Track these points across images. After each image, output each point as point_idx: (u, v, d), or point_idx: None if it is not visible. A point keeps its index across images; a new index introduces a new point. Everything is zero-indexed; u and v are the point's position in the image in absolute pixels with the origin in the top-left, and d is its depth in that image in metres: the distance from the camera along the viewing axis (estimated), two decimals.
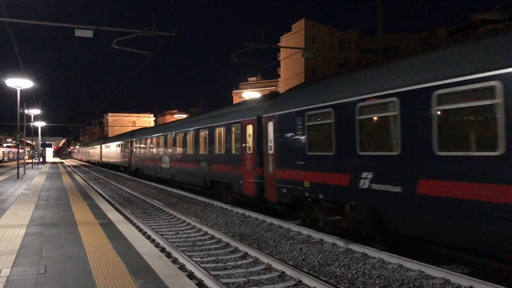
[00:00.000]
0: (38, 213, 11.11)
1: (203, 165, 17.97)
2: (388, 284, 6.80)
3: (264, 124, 12.85)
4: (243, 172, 14.04)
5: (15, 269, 5.79)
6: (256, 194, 13.29)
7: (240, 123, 14.50)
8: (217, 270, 7.64)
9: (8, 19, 14.66)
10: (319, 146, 10.19)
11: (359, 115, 8.67)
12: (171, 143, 23.30)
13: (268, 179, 12.56)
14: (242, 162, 14.15)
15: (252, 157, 13.54)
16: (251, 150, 13.60)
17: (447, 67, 6.89)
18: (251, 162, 13.54)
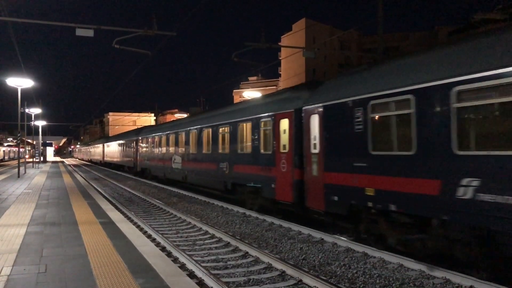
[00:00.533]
0: (38, 212, 11.12)
1: (223, 166, 15.90)
2: (388, 283, 6.80)
3: (305, 118, 10.92)
4: (276, 175, 12.12)
5: (15, 268, 5.80)
6: (293, 201, 11.33)
7: (271, 117, 12.53)
8: (217, 269, 7.64)
9: (9, 19, 14.66)
10: (389, 143, 8.16)
11: (457, 102, 6.76)
12: (183, 141, 21.21)
13: (311, 183, 10.58)
14: (275, 163, 12.21)
15: (288, 157, 11.62)
16: (286, 149, 11.72)
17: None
18: (287, 163, 11.61)
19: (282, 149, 11.94)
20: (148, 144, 29.32)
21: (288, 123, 11.69)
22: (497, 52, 6.34)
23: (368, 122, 8.61)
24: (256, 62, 27.67)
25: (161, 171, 25.63)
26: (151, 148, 28.38)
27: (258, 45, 17.83)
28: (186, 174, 20.74)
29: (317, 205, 10.32)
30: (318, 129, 10.29)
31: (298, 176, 11.17)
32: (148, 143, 29.34)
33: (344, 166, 9.32)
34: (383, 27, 19.27)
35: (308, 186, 10.79)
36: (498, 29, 6.80)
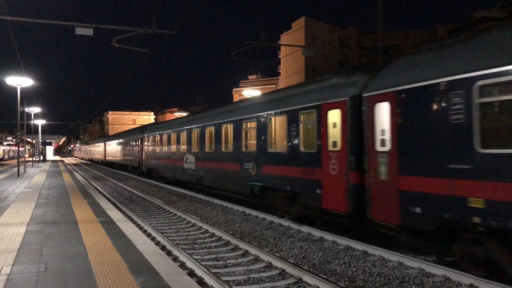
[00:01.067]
0: (38, 211, 11.12)
1: (249, 167, 13.80)
2: (388, 281, 6.80)
3: (367, 107, 8.79)
4: (323, 178, 10.03)
5: (15, 267, 5.80)
6: (349, 211, 9.22)
7: (316, 108, 10.40)
8: (217, 268, 7.65)
9: (8, 17, 14.64)
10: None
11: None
12: (197, 139, 19.04)
13: (378, 190, 8.42)
14: (321, 164, 10.11)
15: (340, 156, 9.51)
16: (337, 147, 9.66)
17: None
18: (340, 163, 9.49)
19: (331, 147, 9.88)
20: (156, 142, 27.11)
21: (340, 114, 9.57)
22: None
23: (473, 110, 6.55)
24: (255, 61, 27.62)
25: (170, 172, 23.48)
26: (159, 146, 26.16)
27: (257, 43, 17.83)
28: (200, 176, 18.56)
29: (387, 218, 8.13)
30: (389, 120, 8.14)
31: (356, 180, 9.07)
32: (155, 141, 27.14)
33: (432, 168, 7.25)
34: (382, 25, 19.26)
35: (372, 192, 8.57)
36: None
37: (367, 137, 8.83)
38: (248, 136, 14.34)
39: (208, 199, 17.21)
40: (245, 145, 14.41)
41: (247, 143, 14.37)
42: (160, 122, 35.45)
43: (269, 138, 12.73)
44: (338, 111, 9.68)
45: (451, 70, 6.97)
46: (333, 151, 9.83)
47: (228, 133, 15.78)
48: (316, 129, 10.41)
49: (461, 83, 6.76)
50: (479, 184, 6.44)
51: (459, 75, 6.82)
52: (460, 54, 7.03)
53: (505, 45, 6.32)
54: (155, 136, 27.28)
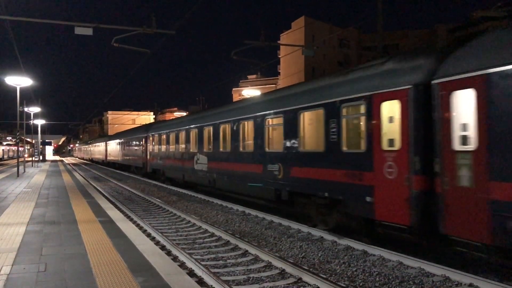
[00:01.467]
0: (38, 211, 11.11)
1: (274, 168, 12.08)
2: (388, 281, 6.81)
3: (441, 96, 7.20)
4: (376, 183, 8.35)
5: (15, 267, 5.80)
6: (412, 224, 7.56)
7: (364, 99, 8.71)
8: (217, 267, 7.65)
9: (8, 17, 14.63)
10: None
11: None
12: (210, 137, 17.28)
13: (457, 199, 6.87)
14: (372, 166, 8.43)
15: (399, 157, 7.85)
16: (395, 146, 8.02)
17: None
18: (399, 165, 7.84)
19: (387, 146, 8.23)
20: (162, 142, 25.21)
21: (399, 106, 7.90)
22: None
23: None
24: (255, 60, 27.61)
25: (178, 173, 21.71)
26: (166, 146, 24.22)
27: (257, 43, 17.84)
28: (214, 178, 16.66)
29: (472, 235, 6.60)
30: (475, 112, 6.61)
31: (422, 186, 7.49)
32: (161, 140, 25.23)
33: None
34: (382, 25, 19.26)
35: (447, 202, 7.02)
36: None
37: (439, 133, 7.22)
38: (273, 134, 12.75)
39: (207, 198, 17.21)
40: (269, 144, 12.75)
41: (271, 142, 12.74)
42: (167, 120, 32.28)
43: (301, 136, 11.03)
44: (396, 102, 8.01)
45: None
46: (389, 151, 8.15)
47: (248, 131, 14.20)
48: (365, 124, 8.75)
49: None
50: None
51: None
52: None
53: None
54: (161, 135, 25.41)
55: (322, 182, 10.04)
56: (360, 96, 8.87)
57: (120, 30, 15.94)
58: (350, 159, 9.21)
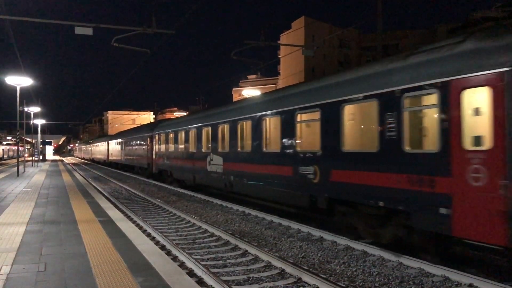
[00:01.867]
0: (38, 211, 11.11)
1: (308, 171, 10.46)
2: (387, 281, 6.81)
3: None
4: (456, 191, 6.80)
5: (15, 267, 5.80)
6: (510, 244, 6.15)
7: (438, 87, 7.15)
8: (217, 267, 7.65)
9: (8, 17, 14.64)
10: None
11: None
12: (225, 136, 15.75)
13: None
14: (450, 170, 6.92)
15: (492, 158, 6.36)
16: (485, 144, 6.57)
17: None
18: (490, 169, 6.37)
19: (471, 145, 6.77)
20: (169, 141, 23.40)
21: (490, 94, 6.41)
22: None
23: None
24: (255, 61, 27.53)
25: (188, 174, 19.96)
26: (174, 145, 22.44)
27: (257, 43, 17.85)
28: (230, 180, 15.05)
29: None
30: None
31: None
32: (169, 139, 23.44)
33: None
34: (382, 25, 19.27)
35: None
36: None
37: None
38: (306, 132, 11.21)
39: (207, 198, 17.21)
40: (301, 143, 11.14)
41: (304, 141, 11.14)
42: (174, 118, 29.67)
43: (343, 133, 9.39)
44: (484, 89, 6.52)
45: None
46: (475, 151, 6.63)
47: (272, 128, 12.66)
48: (438, 118, 7.16)
49: None
50: None
51: None
52: None
53: None
54: (169, 133, 23.54)
55: (374, 189, 8.36)
56: (431, 84, 7.24)
57: (120, 30, 15.97)
58: (415, 161, 7.55)
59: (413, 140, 7.86)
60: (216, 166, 16.42)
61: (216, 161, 16.44)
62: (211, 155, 16.90)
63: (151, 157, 27.74)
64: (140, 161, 31.30)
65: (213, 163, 16.72)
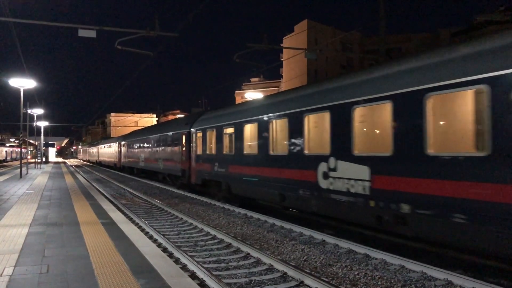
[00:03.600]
0: (40, 213, 11.14)
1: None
2: (390, 285, 6.79)
3: None
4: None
5: (17, 268, 5.81)
6: None
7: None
8: (219, 270, 7.64)
9: (11, 19, 14.71)
10: None
11: None
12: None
13: None
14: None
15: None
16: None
17: None
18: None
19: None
20: (223, 138, 16.24)
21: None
22: None
23: None
24: (258, 63, 27.55)
25: (267, 191, 12.81)
26: (234, 144, 15.21)
27: (260, 46, 17.87)
28: (400, 214, 7.87)
29: None
30: None
31: None
32: (223, 137, 16.26)
33: None
34: (385, 28, 19.28)
35: None
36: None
37: None
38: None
39: (209, 201, 17.21)
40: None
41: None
42: (228, 107, 18.66)
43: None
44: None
45: None
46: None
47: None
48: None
49: None
50: None
51: None
52: None
53: None
54: (223, 128, 16.15)
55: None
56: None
57: (124, 33, 16.02)
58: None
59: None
60: (346, 182, 9.32)
61: (346, 171, 9.37)
62: (333, 161, 9.76)
63: (187, 162, 20.51)
64: (169, 167, 24.17)
65: (337, 176, 9.65)
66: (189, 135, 20.60)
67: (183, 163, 21.32)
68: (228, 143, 15.98)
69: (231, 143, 15.50)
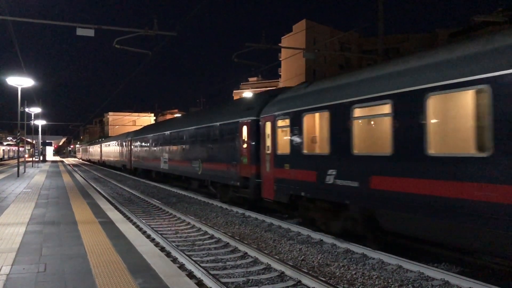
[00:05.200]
0: (38, 212, 11.12)
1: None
2: (387, 285, 6.80)
3: None
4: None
5: (15, 267, 5.80)
6: None
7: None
8: (216, 269, 7.65)
9: (9, 18, 14.68)
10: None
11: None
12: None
13: None
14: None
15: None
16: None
17: None
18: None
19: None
20: (362, 126, 9.17)
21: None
22: None
23: None
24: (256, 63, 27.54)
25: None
26: (401, 134, 7.69)
27: (258, 45, 17.87)
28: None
29: None
30: None
31: None
32: (359, 125, 9.01)
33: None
34: (383, 28, 19.30)
35: None
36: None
37: None
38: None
39: (207, 200, 17.21)
40: None
41: None
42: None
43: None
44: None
45: None
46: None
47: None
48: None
49: None
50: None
51: None
52: None
53: None
54: (361, 106, 8.82)
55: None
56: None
57: (122, 32, 15.99)
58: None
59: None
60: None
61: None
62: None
63: (252, 166, 13.58)
64: (215, 172, 16.74)
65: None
66: (256, 126, 13.52)
67: (245, 168, 13.96)
68: (377, 134, 9.13)
69: (387, 134, 8.11)
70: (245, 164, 13.98)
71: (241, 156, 14.35)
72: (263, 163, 12.87)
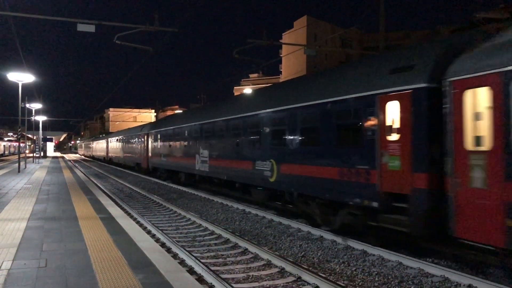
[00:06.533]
0: (39, 207, 11.14)
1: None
2: (387, 281, 6.82)
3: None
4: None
5: (16, 262, 5.82)
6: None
7: None
8: (217, 265, 7.67)
9: (10, 13, 14.65)
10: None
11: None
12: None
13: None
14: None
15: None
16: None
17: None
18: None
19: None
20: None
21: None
22: None
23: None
24: (257, 59, 27.49)
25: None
26: None
27: (259, 42, 17.84)
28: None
29: None
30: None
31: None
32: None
33: None
34: (384, 25, 19.25)
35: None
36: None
37: None
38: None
39: (208, 196, 17.23)
40: None
41: None
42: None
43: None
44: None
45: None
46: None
47: None
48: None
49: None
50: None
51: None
52: None
53: None
54: None
55: None
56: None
57: (123, 28, 15.97)
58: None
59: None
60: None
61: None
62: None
63: (409, 174, 7.59)
64: (316, 180, 10.22)
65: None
66: (428, 99, 7.46)
67: (395, 176, 7.93)
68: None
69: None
70: (397, 170, 7.88)
71: (382, 155, 8.17)
72: (459, 170, 6.77)
